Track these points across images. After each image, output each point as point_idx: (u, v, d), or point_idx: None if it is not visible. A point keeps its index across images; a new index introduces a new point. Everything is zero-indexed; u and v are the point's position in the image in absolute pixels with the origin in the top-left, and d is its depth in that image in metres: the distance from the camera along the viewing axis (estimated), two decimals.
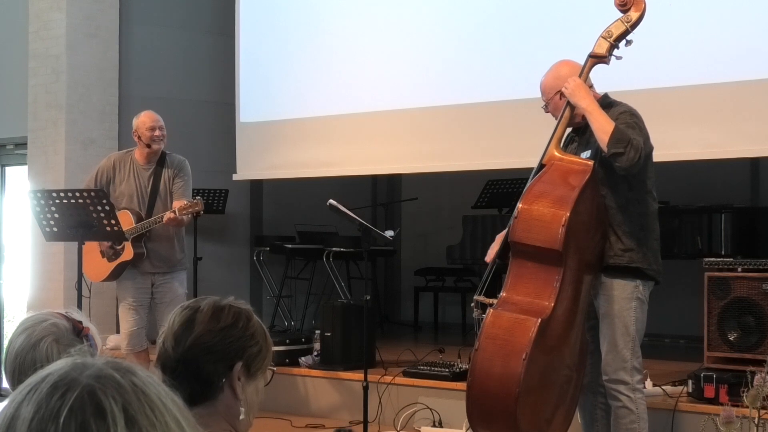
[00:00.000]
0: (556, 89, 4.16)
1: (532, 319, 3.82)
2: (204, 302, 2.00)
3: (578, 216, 3.89)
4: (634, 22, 4.06)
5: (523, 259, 3.96)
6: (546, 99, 4.22)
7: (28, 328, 2.14)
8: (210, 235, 8.32)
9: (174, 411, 0.97)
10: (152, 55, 8.21)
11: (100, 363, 0.97)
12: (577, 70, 4.14)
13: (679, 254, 6.38)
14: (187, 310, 1.99)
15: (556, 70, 4.23)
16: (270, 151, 7.68)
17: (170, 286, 5.71)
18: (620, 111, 4.04)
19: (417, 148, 6.87)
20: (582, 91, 4.02)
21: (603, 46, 4.09)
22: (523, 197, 3.98)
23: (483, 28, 6.59)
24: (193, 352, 1.92)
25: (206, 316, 1.96)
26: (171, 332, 1.96)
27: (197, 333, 1.94)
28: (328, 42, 7.35)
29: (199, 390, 1.92)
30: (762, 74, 5.39)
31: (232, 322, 1.96)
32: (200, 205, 5.47)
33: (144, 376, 0.97)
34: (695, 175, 7.28)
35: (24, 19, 8.08)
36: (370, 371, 5.50)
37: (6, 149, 9.05)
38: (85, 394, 0.92)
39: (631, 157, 3.85)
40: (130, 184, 5.70)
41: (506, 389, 3.76)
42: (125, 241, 5.55)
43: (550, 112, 4.23)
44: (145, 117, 5.72)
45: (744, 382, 3.46)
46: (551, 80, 4.20)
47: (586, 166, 4.00)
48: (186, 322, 1.95)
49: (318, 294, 8.34)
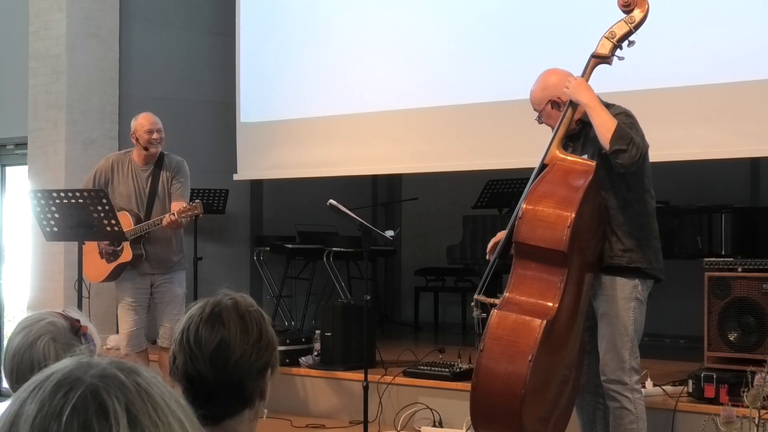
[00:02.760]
0: (546, 99, 4.16)
1: (537, 320, 3.82)
2: (223, 312, 1.93)
3: (582, 217, 3.90)
4: (637, 23, 4.06)
5: (527, 260, 3.95)
6: (538, 109, 4.22)
7: (26, 327, 2.15)
8: (210, 235, 8.32)
9: (178, 412, 0.96)
10: (152, 55, 8.22)
11: (105, 363, 0.97)
12: (565, 77, 4.13)
13: (679, 254, 6.38)
14: (212, 328, 1.91)
15: (544, 79, 4.23)
16: (270, 151, 7.68)
17: (169, 287, 5.71)
18: (616, 113, 4.04)
19: (417, 148, 6.87)
20: (583, 87, 4.02)
21: (606, 47, 4.09)
22: (526, 198, 3.97)
23: (483, 28, 6.59)
24: (236, 374, 1.89)
25: (236, 332, 1.91)
26: (203, 355, 1.89)
27: (237, 356, 1.89)
28: (329, 42, 7.35)
29: (239, 406, 1.91)
30: (762, 74, 5.38)
31: (258, 331, 1.94)
32: (199, 208, 5.46)
33: (148, 376, 0.97)
34: (695, 175, 7.28)
35: (24, 19, 8.08)
36: (371, 371, 5.50)
37: (6, 149, 9.05)
38: (89, 393, 0.92)
39: (633, 154, 3.86)
40: (128, 185, 5.69)
41: (512, 390, 3.76)
42: (125, 242, 5.55)
43: (545, 123, 4.22)
44: (143, 119, 5.71)
45: (744, 382, 3.46)
46: (540, 91, 4.21)
47: (588, 166, 3.99)
48: (220, 343, 1.89)
49: (318, 294, 8.34)
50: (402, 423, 5.72)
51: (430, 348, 6.45)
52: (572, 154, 4.13)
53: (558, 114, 4.12)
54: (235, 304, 1.96)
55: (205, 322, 1.93)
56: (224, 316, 1.93)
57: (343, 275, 8.40)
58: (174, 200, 5.65)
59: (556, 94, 4.14)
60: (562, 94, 4.11)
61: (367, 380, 5.31)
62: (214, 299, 1.98)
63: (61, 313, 2.21)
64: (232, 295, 2.00)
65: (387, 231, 5.81)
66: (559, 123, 4.10)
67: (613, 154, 3.88)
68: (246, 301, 1.99)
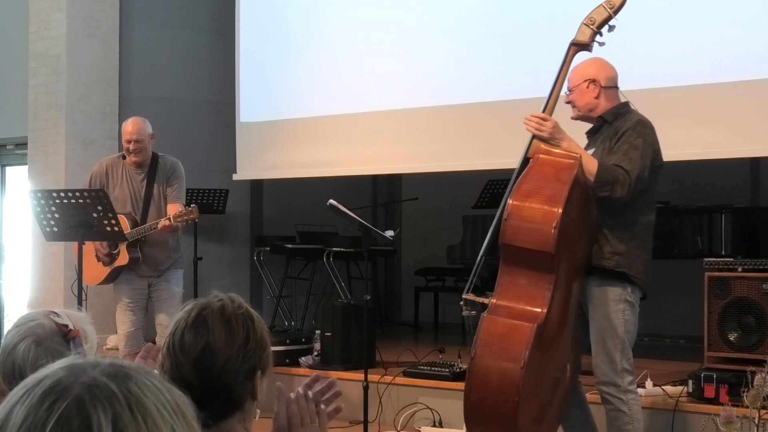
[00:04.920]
0: (584, 78, 4.15)
1: (527, 324, 3.76)
2: (209, 317, 1.92)
3: (569, 215, 3.82)
4: (617, 8, 4.02)
5: (515, 261, 3.88)
6: (572, 87, 4.18)
7: (18, 326, 2.14)
8: (210, 235, 8.32)
9: (172, 420, 0.95)
10: (152, 55, 8.21)
11: (98, 369, 0.96)
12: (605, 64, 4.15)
13: (679, 254, 6.38)
14: (196, 333, 1.90)
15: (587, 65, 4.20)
16: (270, 151, 7.68)
17: (165, 286, 5.70)
18: (627, 127, 3.99)
19: (417, 148, 6.87)
20: (560, 133, 3.98)
21: (586, 34, 4.06)
22: (511, 195, 3.90)
23: (483, 27, 6.59)
24: (222, 379, 1.88)
25: (221, 337, 1.89)
26: (187, 361, 1.88)
27: (222, 361, 1.88)
28: (329, 42, 7.35)
29: (228, 409, 1.90)
30: (762, 74, 5.38)
31: (244, 335, 1.92)
32: (195, 213, 5.46)
33: (143, 382, 0.96)
34: (695, 175, 7.28)
35: (24, 19, 8.08)
36: (370, 371, 5.49)
37: (6, 149, 9.05)
38: (74, 405, 0.91)
39: (620, 194, 3.87)
40: (123, 188, 5.68)
41: (506, 396, 3.73)
42: (122, 244, 5.55)
43: (573, 101, 4.19)
44: (124, 127, 5.71)
45: (744, 382, 3.46)
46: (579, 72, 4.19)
47: (573, 159, 3.91)
48: (204, 348, 1.88)
49: (318, 294, 8.34)
50: (402, 423, 5.72)
51: (430, 348, 6.45)
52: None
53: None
54: (222, 308, 1.94)
55: (189, 328, 1.91)
56: (209, 320, 1.91)
57: (343, 275, 8.40)
58: (169, 203, 5.65)
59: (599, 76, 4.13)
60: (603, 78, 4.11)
61: (367, 380, 5.30)
62: (202, 302, 1.96)
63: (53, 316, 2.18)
64: (221, 297, 1.98)
65: (387, 231, 5.81)
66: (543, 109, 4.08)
67: (601, 199, 3.90)
68: (234, 304, 1.97)
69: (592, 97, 4.12)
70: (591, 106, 4.14)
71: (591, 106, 4.14)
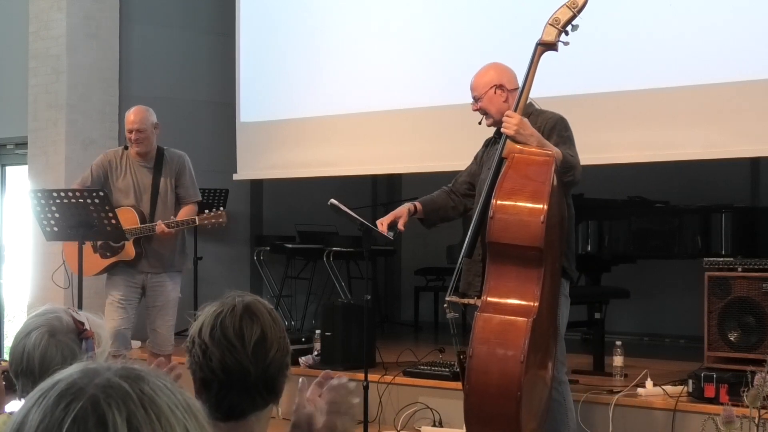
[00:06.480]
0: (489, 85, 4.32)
1: (522, 319, 3.79)
2: (253, 306, 1.93)
3: (551, 209, 3.87)
4: (580, 7, 4.08)
5: (503, 258, 3.90)
6: (478, 95, 4.34)
7: (38, 315, 2.18)
8: (210, 235, 8.30)
9: (185, 420, 0.96)
10: (152, 55, 8.22)
11: (111, 371, 0.97)
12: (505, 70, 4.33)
13: (679, 254, 6.38)
14: (251, 321, 1.90)
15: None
16: (270, 151, 7.68)
17: (163, 289, 5.58)
18: (553, 122, 4.14)
19: (417, 148, 6.87)
20: (528, 129, 4.03)
21: (551, 34, 4.12)
22: (495, 194, 3.92)
23: (482, 27, 6.59)
24: (272, 367, 1.90)
25: (270, 325, 1.91)
26: (244, 347, 1.88)
27: (273, 350, 1.90)
28: (328, 42, 7.35)
29: (269, 400, 1.92)
30: (762, 74, 5.38)
31: (281, 328, 1.95)
32: (223, 216, 5.45)
33: (155, 383, 0.97)
34: (695, 175, 7.28)
35: (24, 19, 8.09)
36: (370, 371, 5.49)
37: (6, 149, 9.05)
38: (89, 405, 0.93)
39: (578, 178, 4.09)
40: (127, 180, 5.60)
41: (508, 392, 3.73)
42: (125, 241, 5.49)
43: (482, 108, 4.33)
44: (127, 116, 5.64)
45: (744, 381, 3.47)
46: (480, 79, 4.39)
47: (547, 156, 3.96)
48: (261, 336, 1.89)
49: (318, 294, 8.34)
50: (402, 423, 5.72)
51: (430, 348, 6.44)
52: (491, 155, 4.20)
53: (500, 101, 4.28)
54: (258, 300, 1.97)
55: (241, 316, 1.91)
56: (255, 310, 1.93)
57: (343, 275, 8.40)
58: (183, 204, 5.59)
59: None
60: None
61: (367, 380, 5.30)
62: (231, 297, 1.96)
63: (73, 312, 2.22)
64: (245, 295, 1.99)
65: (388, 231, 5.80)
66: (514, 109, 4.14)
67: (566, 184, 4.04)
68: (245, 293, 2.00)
69: (502, 101, 4.29)
70: (504, 109, 4.23)
71: (504, 110, 4.21)
